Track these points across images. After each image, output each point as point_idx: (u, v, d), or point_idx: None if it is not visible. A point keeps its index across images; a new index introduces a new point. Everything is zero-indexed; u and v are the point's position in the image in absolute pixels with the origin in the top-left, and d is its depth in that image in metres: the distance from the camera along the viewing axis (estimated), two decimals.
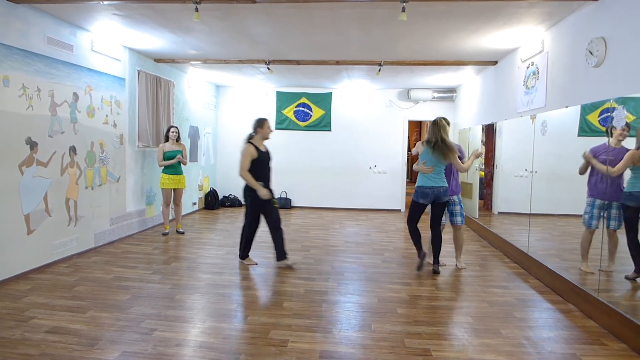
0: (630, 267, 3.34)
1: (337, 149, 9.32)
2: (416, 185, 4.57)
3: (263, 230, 4.74)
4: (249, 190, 4.58)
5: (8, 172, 4.03)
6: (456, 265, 4.86)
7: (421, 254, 4.58)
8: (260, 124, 4.65)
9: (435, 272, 4.58)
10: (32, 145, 4.30)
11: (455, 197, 4.73)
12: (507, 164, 5.93)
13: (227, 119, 9.59)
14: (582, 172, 3.81)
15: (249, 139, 4.64)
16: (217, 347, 2.88)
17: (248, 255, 4.85)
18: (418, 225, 4.64)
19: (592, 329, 3.25)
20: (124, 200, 5.99)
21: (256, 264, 4.82)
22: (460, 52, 5.81)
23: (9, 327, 3.07)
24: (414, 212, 4.60)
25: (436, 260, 4.63)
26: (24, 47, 4.18)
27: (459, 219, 4.73)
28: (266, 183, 4.63)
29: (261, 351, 2.83)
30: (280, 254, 4.69)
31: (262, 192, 4.48)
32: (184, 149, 6.34)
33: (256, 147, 4.57)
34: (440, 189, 4.43)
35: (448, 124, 4.49)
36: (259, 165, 4.56)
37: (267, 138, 4.70)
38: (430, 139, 4.41)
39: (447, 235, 5.07)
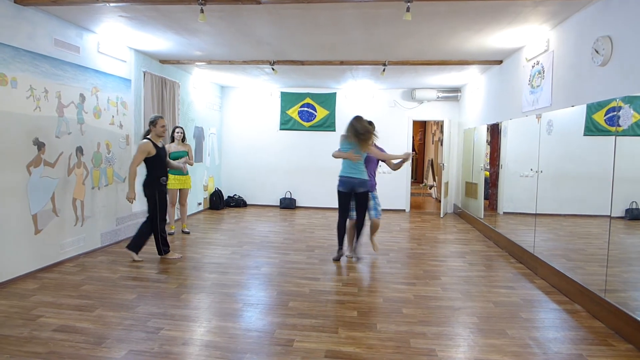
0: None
1: None
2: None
3: (271, 230, 4.74)
4: (149, 184, 4.77)
5: (16, 172, 4.07)
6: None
7: (340, 251, 5.02)
8: (153, 122, 4.80)
9: (340, 258, 5.04)
10: (40, 145, 4.34)
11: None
12: (513, 163, 5.90)
13: (231, 120, 9.61)
14: None
15: (146, 135, 4.83)
16: (223, 346, 2.89)
17: (169, 249, 5.04)
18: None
19: (599, 329, 3.24)
20: None
21: (180, 256, 5.08)
22: (464, 52, 5.80)
23: (17, 326, 3.10)
24: (340, 201, 4.95)
25: (350, 248, 5.15)
26: (32, 49, 4.22)
27: (372, 212, 5.09)
28: (164, 175, 4.88)
29: (267, 350, 2.84)
30: (136, 245, 4.90)
31: (130, 195, 4.70)
32: (190, 149, 6.36)
33: (154, 144, 4.76)
34: (355, 180, 4.79)
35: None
36: (157, 160, 4.79)
37: (160, 135, 4.84)
38: (359, 131, 4.72)
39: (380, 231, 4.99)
